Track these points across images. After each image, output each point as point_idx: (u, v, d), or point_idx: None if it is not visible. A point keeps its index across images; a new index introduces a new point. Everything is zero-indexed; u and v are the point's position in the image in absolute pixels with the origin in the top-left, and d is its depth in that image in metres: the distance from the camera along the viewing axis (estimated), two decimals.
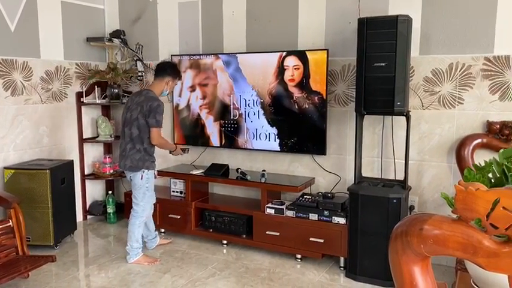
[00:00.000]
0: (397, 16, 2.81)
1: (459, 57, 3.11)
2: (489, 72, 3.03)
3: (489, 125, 3.03)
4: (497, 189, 0.96)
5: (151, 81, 3.65)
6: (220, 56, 3.93)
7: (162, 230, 4.01)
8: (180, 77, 3.59)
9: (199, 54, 4.07)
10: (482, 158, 2.97)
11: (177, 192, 4.05)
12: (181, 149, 3.60)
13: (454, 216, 1.00)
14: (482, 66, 3.05)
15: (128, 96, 4.49)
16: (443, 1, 3.13)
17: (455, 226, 1.00)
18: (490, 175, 1.86)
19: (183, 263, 3.42)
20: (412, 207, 3.28)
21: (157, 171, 3.89)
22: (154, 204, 3.57)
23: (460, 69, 3.11)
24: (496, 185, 1.73)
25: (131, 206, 3.43)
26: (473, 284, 1.55)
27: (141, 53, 4.47)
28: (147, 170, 3.33)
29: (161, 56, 4.38)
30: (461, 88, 3.13)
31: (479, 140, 3.04)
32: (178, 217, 3.89)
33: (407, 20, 2.85)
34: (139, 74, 4.47)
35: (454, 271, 2.80)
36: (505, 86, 3.00)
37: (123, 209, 4.25)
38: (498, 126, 2.99)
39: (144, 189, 3.35)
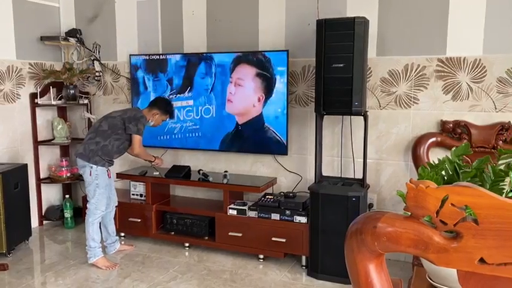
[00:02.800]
0: (354, 18, 2.86)
1: (414, 58, 3.21)
2: (442, 73, 3.15)
3: (443, 124, 3.14)
4: (446, 186, 0.98)
5: (108, 82, 3.56)
6: (180, 55, 3.88)
7: (122, 234, 3.92)
8: (170, 116, 3.60)
9: (159, 54, 4.00)
10: (436, 156, 3.09)
11: (137, 195, 3.97)
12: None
13: (408, 213, 1.02)
14: (436, 67, 3.16)
15: (85, 97, 4.37)
16: (398, 4, 3.22)
17: (407, 223, 1.01)
18: (443, 172, 1.93)
19: (143, 267, 3.35)
20: (371, 205, 3.36)
21: (117, 173, 3.81)
22: (115, 206, 3.50)
23: (415, 70, 3.22)
24: (449, 182, 1.80)
25: None
26: (428, 279, 1.60)
27: (99, 52, 4.35)
28: (95, 166, 3.26)
29: (119, 55, 4.29)
30: (416, 88, 3.24)
31: (433, 139, 3.14)
32: (139, 220, 3.80)
33: (364, 22, 2.92)
34: (97, 74, 4.35)
35: (411, 266, 2.88)
36: (457, 87, 3.12)
37: (82, 213, 4.11)
38: (451, 125, 3.11)
39: (94, 185, 3.28)
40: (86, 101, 4.38)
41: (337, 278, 3.03)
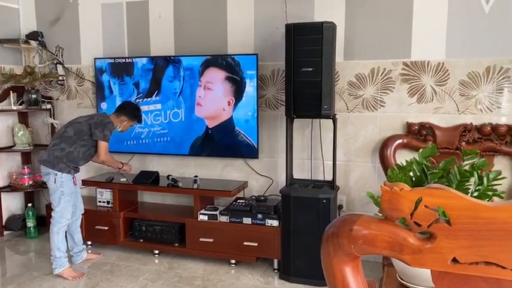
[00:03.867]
0: (322, 23, 2.90)
1: (380, 62, 3.29)
2: (407, 77, 3.23)
3: (408, 126, 3.22)
4: (419, 188, 1.00)
5: (72, 86, 3.45)
6: (147, 58, 3.82)
7: (89, 243, 3.80)
8: (139, 121, 3.52)
9: (125, 57, 3.92)
10: (403, 157, 3.16)
11: (103, 202, 3.86)
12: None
13: (381, 215, 1.03)
14: (401, 71, 3.24)
15: (48, 102, 4.23)
16: (364, 9, 3.29)
17: (382, 226, 1.02)
18: (411, 173, 1.98)
19: (112, 276, 3.25)
20: (340, 207, 3.40)
21: (83, 180, 3.69)
22: (82, 214, 3.40)
23: (381, 74, 3.29)
24: (417, 183, 1.84)
25: None
26: (399, 278, 1.63)
27: (62, 56, 4.22)
28: (60, 173, 3.15)
29: (83, 59, 4.17)
30: (382, 92, 3.31)
31: (400, 141, 3.22)
32: (106, 228, 3.70)
33: (332, 27, 2.96)
34: (60, 78, 4.21)
35: (381, 267, 2.93)
36: (421, 89, 3.21)
37: (45, 222, 3.96)
38: (417, 127, 3.19)
39: (59, 193, 3.17)
40: (48, 106, 4.23)
41: (309, 280, 3.05)
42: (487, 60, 3.05)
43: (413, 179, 1.96)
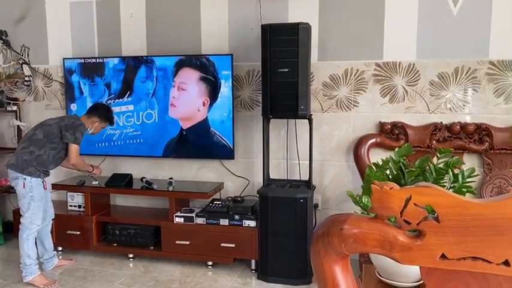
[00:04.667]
0: (298, 24, 2.92)
1: (353, 63, 3.34)
2: (380, 77, 3.30)
3: (381, 126, 3.29)
4: (409, 187, 1.02)
5: (39, 87, 3.34)
6: (118, 58, 3.74)
7: (60, 248, 3.68)
8: (111, 123, 3.43)
9: (95, 58, 3.82)
10: (376, 156, 3.24)
11: (75, 206, 3.74)
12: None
13: (366, 214, 1.05)
14: (374, 72, 3.31)
15: (13, 104, 4.07)
16: (337, 11, 3.33)
17: (373, 224, 1.04)
18: (388, 172, 2.02)
19: (85, 282, 3.17)
20: (316, 206, 3.43)
21: (53, 184, 3.58)
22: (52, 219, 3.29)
23: (355, 75, 3.34)
24: (394, 182, 1.88)
25: None
26: (378, 275, 1.67)
27: (28, 55, 4.07)
28: (29, 177, 3.04)
29: (51, 59, 4.04)
30: (356, 92, 3.36)
31: (373, 140, 3.28)
32: (78, 233, 3.59)
33: (308, 28, 2.98)
34: (27, 78, 4.06)
35: (358, 264, 2.98)
36: (393, 90, 3.28)
37: (13, 229, 3.81)
38: (389, 126, 3.26)
39: (28, 198, 3.06)
40: (14, 108, 4.07)
41: (287, 280, 3.06)
42: (455, 61, 3.16)
43: (390, 177, 2.00)
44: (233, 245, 3.24)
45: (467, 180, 1.90)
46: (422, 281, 1.65)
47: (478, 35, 3.10)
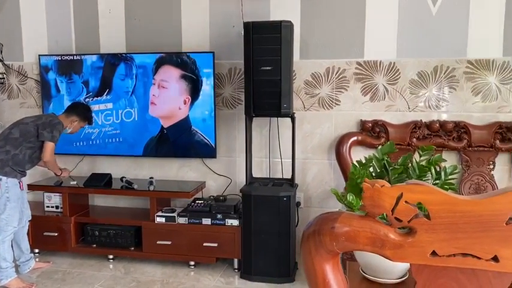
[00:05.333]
0: (280, 22, 2.91)
1: (335, 61, 3.36)
2: (361, 76, 3.33)
3: (362, 124, 3.32)
4: (400, 185, 1.02)
5: (13, 85, 3.24)
6: (97, 56, 3.66)
7: (37, 251, 3.58)
8: (89, 123, 3.39)
9: (73, 54, 3.73)
10: (358, 153, 3.27)
11: (52, 207, 3.64)
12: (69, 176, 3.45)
13: (360, 212, 1.05)
14: (355, 70, 3.33)
15: None
16: (319, 10, 3.34)
17: (364, 222, 1.04)
18: (371, 169, 2.03)
19: (64, 284, 3.09)
20: (298, 204, 3.43)
21: (29, 185, 3.48)
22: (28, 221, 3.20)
23: (336, 73, 3.36)
24: (377, 179, 1.89)
25: None
26: (362, 272, 1.68)
27: (1, 52, 3.94)
28: (5, 178, 2.95)
29: (26, 56, 3.92)
30: (337, 90, 3.38)
31: (355, 138, 3.31)
32: (56, 234, 3.50)
33: (290, 26, 2.98)
34: (0, 76, 3.93)
35: (341, 261, 3.00)
36: (374, 88, 3.32)
37: None
38: (370, 124, 3.29)
39: (4, 199, 2.96)
40: None
41: (271, 278, 3.06)
42: (434, 61, 3.21)
43: (374, 175, 2.01)
44: (215, 245, 3.22)
45: (450, 177, 1.93)
46: (405, 277, 1.67)
47: (456, 34, 3.16)
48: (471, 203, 0.88)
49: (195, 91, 3.48)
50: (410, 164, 1.90)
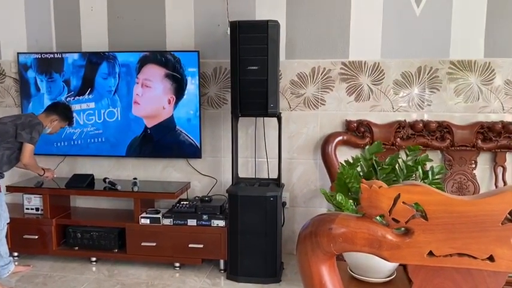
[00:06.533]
0: (267, 21, 2.90)
1: (320, 61, 3.36)
2: (346, 76, 3.35)
3: (348, 124, 3.33)
4: (397, 186, 1.02)
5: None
6: (78, 54, 3.58)
7: (16, 254, 3.48)
8: (70, 123, 3.32)
9: (53, 53, 3.64)
10: (343, 153, 3.28)
11: (32, 209, 3.55)
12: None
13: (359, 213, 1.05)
14: (340, 70, 3.34)
15: None
16: (305, 9, 3.34)
17: (361, 223, 1.03)
18: (359, 169, 2.04)
19: None
20: (284, 204, 3.43)
21: (7, 186, 3.38)
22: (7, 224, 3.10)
23: (322, 73, 3.37)
24: (365, 179, 1.90)
25: None
26: (350, 271, 1.68)
27: None
28: None
29: (3, 53, 3.82)
30: (323, 90, 3.39)
31: (340, 138, 3.32)
32: (36, 237, 3.41)
33: (277, 25, 2.97)
34: None
35: None
36: (359, 88, 3.34)
37: None
38: (355, 124, 3.31)
39: None
40: None
41: (257, 279, 3.05)
42: (418, 61, 3.25)
43: (361, 174, 2.02)
44: (201, 246, 3.18)
45: (436, 176, 1.95)
46: (393, 276, 1.68)
47: (439, 35, 3.21)
48: (468, 203, 0.88)
49: (179, 90, 3.44)
50: (397, 164, 1.92)
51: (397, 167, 1.91)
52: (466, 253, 0.92)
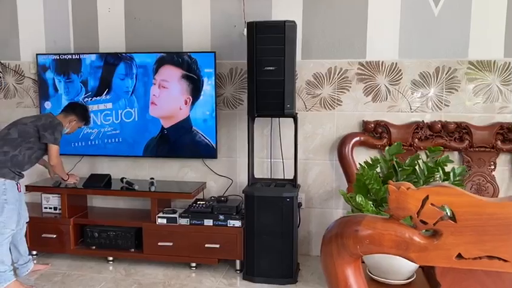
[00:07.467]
0: (284, 21, 2.89)
1: (337, 62, 3.35)
2: (363, 76, 3.33)
3: (365, 124, 3.31)
4: (426, 187, 1.01)
5: (10, 84, 3.19)
6: (96, 55, 3.61)
7: (34, 253, 3.53)
8: (87, 123, 3.37)
9: (71, 54, 3.68)
10: (360, 154, 3.27)
11: (50, 208, 3.60)
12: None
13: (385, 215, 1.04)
14: (357, 71, 3.33)
15: None
16: (321, 9, 3.33)
17: (388, 225, 1.03)
18: (378, 170, 2.02)
19: (64, 287, 3.05)
20: (300, 205, 3.42)
21: (26, 186, 3.43)
22: (26, 223, 3.16)
23: (338, 73, 3.35)
24: (384, 180, 1.89)
25: None
26: (369, 273, 1.67)
27: None
28: (3, 179, 2.90)
29: (23, 55, 3.87)
30: (339, 91, 3.38)
31: (357, 138, 3.30)
32: (54, 236, 3.46)
33: (294, 26, 2.96)
34: None
35: None
36: (376, 89, 3.31)
37: None
38: (372, 125, 3.29)
39: (2, 201, 2.90)
40: None
41: (274, 279, 3.04)
42: (436, 61, 3.22)
43: (380, 175, 2.01)
44: (218, 246, 3.19)
45: (457, 178, 1.92)
46: (413, 278, 1.66)
47: (458, 35, 3.17)
48: (498, 205, 0.87)
49: (196, 91, 3.46)
50: (417, 165, 1.90)
51: (417, 168, 1.89)
52: (497, 256, 0.90)
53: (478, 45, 3.15)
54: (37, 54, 3.73)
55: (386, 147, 2.01)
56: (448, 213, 0.92)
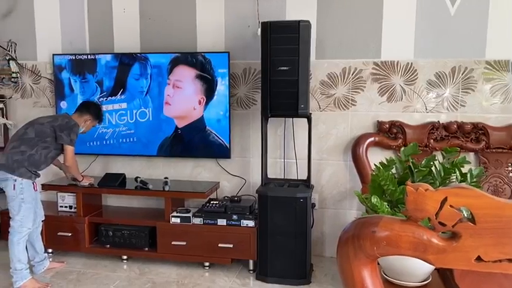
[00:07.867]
0: (299, 21, 2.88)
1: (351, 61, 3.33)
2: (378, 76, 3.30)
3: (379, 125, 3.28)
4: (444, 188, 1.00)
5: (27, 84, 3.23)
6: (111, 55, 3.65)
7: (50, 250, 3.58)
8: (100, 121, 3.43)
9: (86, 54, 3.72)
10: (375, 155, 3.24)
11: (66, 207, 3.64)
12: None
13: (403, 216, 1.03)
14: (372, 71, 3.30)
15: (0, 101, 3.94)
16: (336, 9, 3.31)
17: (406, 226, 1.02)
18: (394, 171, 2.00)
19: (79, 285, 3.08)
20: (313, 205, 3.41)
21: (42, 185, 3.48)
22: (42, 221, 3.20)
23: (353, 73, 3.33)
24: (400, 181, 1.87)
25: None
26: (384, 275, 1.65)
27: (15, 51, 3.94)
28: (20, 179, 2.94)
29: (40, 55, 3.92)
30: (353, 91, 3.35)
31: (371, 139, 3.28)
32: (69, 234, 3.50)
33: (308, 26, 2.95)
34: (14, 75, 3.93)
35: None
36: (391, 89, 3.28)
37: (1, 230, 3.69)
38: (387, 125, 3.26)
39: (19, 200, 2.95)
40: (0, 105, 3.94)
41: (287, 280, 3.04)
42: (452, 61, 3.17)
43: (396, 176, 1.98)
44: (231, 246, 3.20)
45: (474, 179, 1.89)
46: (429, 280, 1.64)
47: (474, 35, 3.13)
48: None
49: (210, 91, 3.47)
50: (434, 166, 1.87)
51: (433, 169, 1.87)
52: None
53: (495, 45, 3.10)
54: (53, 55, 3.78)
55: (402, 148, 1.99)
56: (465, 215, 0.90)
